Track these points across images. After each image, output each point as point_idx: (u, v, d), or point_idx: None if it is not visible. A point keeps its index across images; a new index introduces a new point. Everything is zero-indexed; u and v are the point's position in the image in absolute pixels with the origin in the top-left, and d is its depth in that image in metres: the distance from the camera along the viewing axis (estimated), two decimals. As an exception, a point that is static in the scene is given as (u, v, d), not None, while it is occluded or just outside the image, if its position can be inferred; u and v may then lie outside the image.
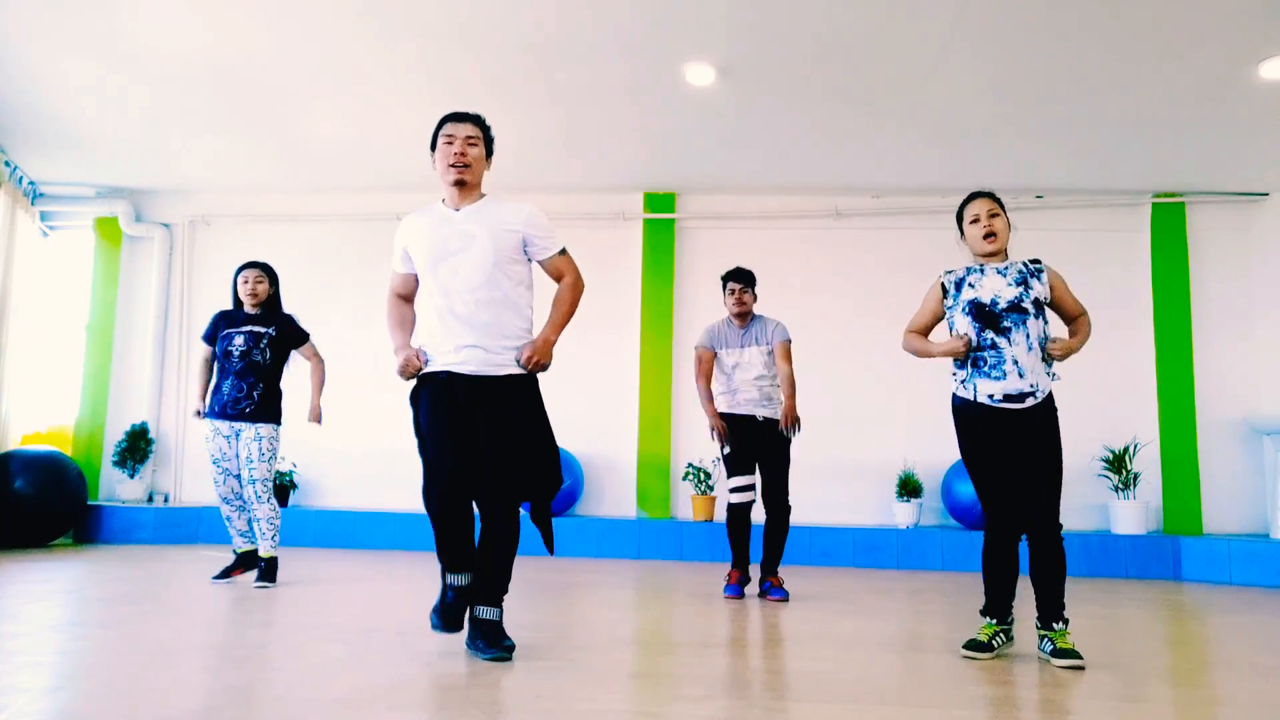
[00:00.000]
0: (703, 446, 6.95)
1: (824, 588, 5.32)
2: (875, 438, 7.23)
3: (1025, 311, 3.20)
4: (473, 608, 3.09)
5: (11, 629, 3.41)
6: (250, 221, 7.99)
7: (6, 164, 7.19)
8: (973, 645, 3.20)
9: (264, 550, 4.86)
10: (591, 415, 7.47)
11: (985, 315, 3.23)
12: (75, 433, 7.77)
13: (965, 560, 6.49)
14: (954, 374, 3.35)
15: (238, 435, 4.85)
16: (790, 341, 4.86)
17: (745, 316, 4.85)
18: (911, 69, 5.75)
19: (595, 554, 6.73)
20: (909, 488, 6.82)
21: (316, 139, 6.95)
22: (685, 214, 7.68)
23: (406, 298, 3.27)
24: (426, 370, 3.11)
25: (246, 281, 4.97)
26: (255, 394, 4.84)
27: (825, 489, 7.25)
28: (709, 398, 4.82)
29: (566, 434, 7.42)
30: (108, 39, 5.70)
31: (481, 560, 3.09)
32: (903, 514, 6.83)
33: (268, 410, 4.87)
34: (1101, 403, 7.14)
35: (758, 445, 4.77)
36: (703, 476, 7.00)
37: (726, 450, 4.79)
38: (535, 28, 5.47)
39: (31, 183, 7.62)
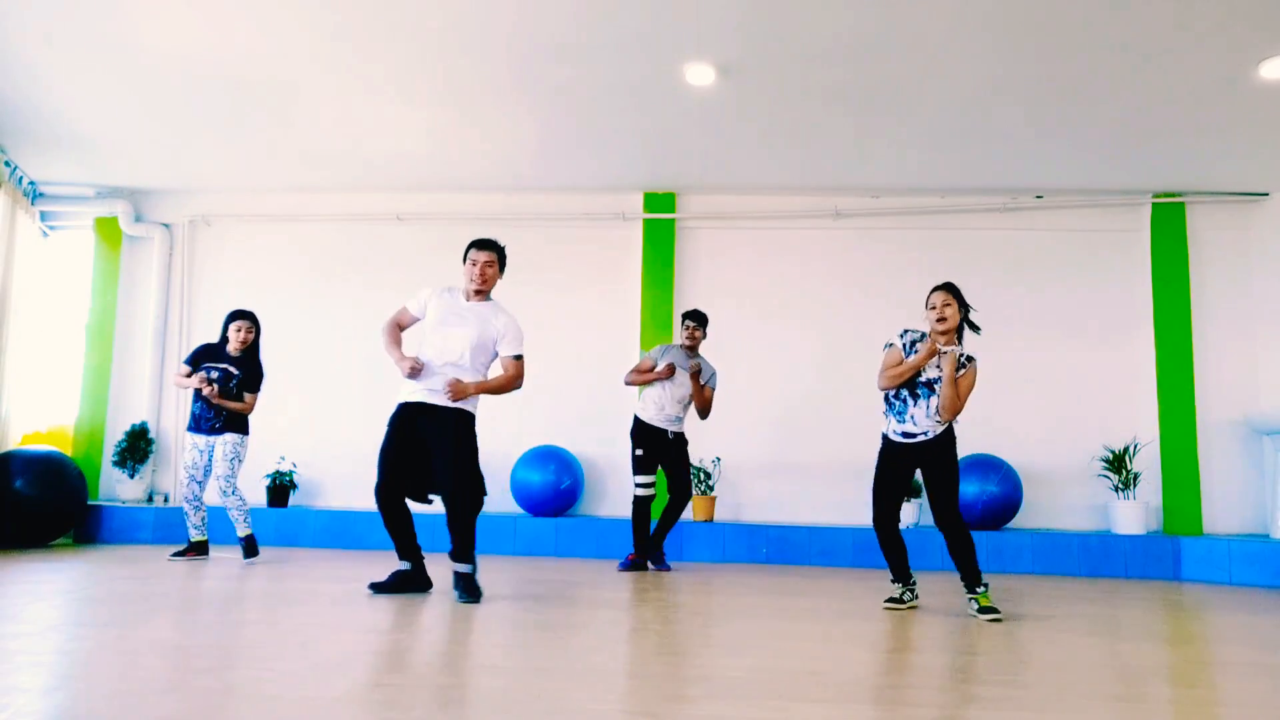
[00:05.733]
0: (703, 447, 6.95)
1: (824, 588, 5.32)
2: (875, 438, 7.21)
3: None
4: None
5: (11, 629, 3.41)
6: (250, 221, 7.99)
7: (6, 164, 7.19)
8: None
9: (241, 531, 5.82)
10: (591, 415, 7.48)
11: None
12: (75, 433, 7.77)
13: (965, 560, 6.49)
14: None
15: (211, 449, 5.85)
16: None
17: (693, 349, 6.05)
18: (911, 69, 5.75)
19: (595, 554, 6.73)
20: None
21: (316, 139, 6.94)
22: (685, 214, 7.68)
23: (402, 326, 4.47)
24: (403, 397, 4.35)
25: (239, 330, 5.89)
26: (222, 415, 5.84)
27: (825, 489, 7.26)
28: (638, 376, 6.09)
29: (567, 434, 7.47)
30: (108, 39, 5.70)
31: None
32: (903, 514, 6.82)
33: (233, 423, 5.84)
34: (1101, 403, 7.14)
35: (666, 453, 5.98)
36: (703, 477, 7.00)
37: (639, 452, 5.94)
38: (535, 27, 5.47)
39: (31, 183, 7.62)
